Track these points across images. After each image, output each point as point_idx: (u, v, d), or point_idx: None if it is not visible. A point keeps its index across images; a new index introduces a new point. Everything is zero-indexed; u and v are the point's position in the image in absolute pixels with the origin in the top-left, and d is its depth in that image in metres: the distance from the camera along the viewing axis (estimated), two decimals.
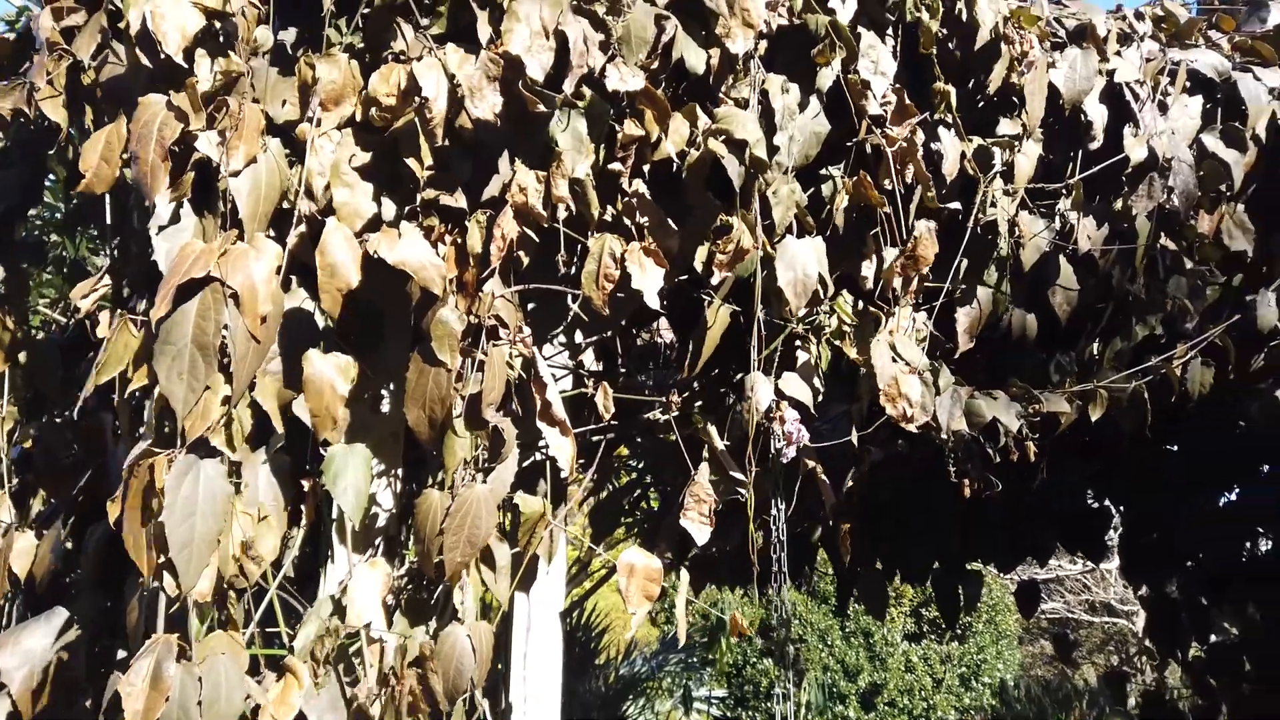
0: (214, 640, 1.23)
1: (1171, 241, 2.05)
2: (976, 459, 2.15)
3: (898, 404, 1.76)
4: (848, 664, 9.52)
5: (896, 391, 1.75)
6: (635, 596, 1.48)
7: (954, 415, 1.90)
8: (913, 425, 1.81)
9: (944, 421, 1.88)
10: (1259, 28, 2.20)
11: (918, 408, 1.76)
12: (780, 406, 1.71)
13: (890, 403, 1.75)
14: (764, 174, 1.64)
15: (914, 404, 1.76)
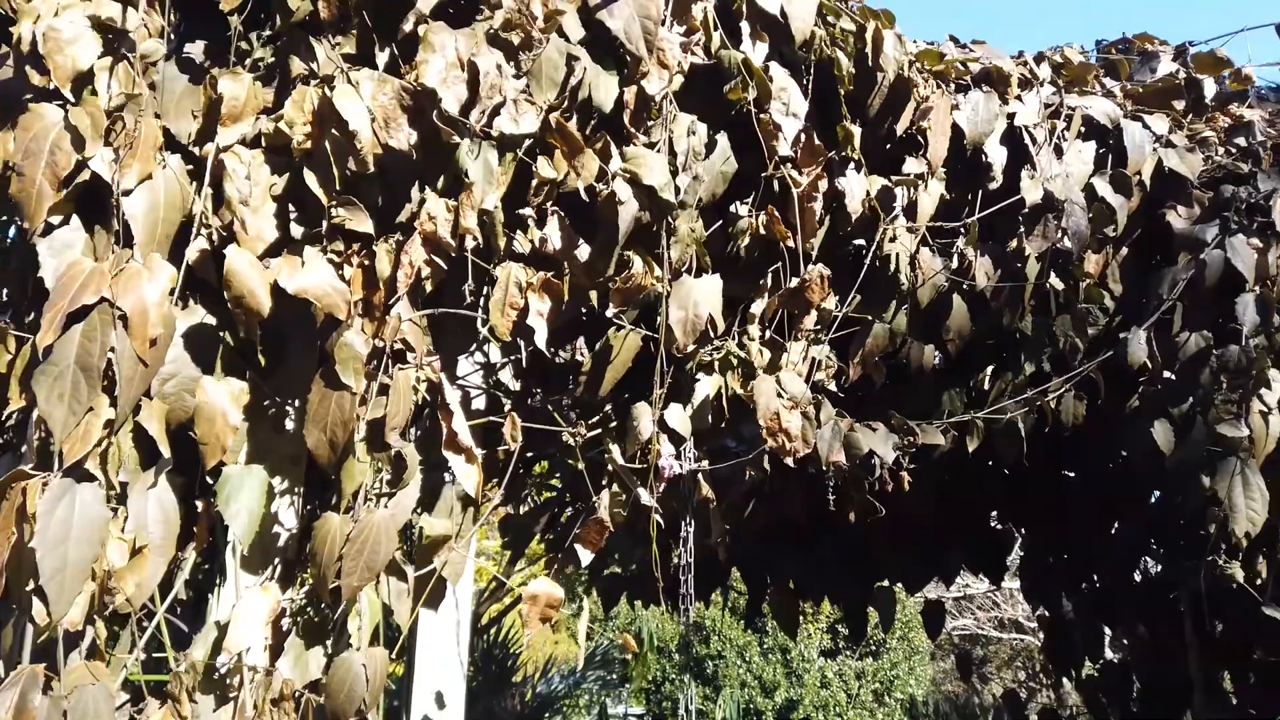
0: (80, 670, 1.19)
1: (1060, 281, 2.15)
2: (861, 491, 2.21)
3: (778, 438, 1.82)
4: (765, 680, 9.61)
5: (777, 426, 1.81)
6: (534, 621, 1.51)
7: (833, 447, 1.96)
8: (793, 460, 1.87)
9: (824, 453, 1.94)
10: (1149, 77, 2.32)
11: (798, 441, 1.82)
12: (659, 439, 1.75)
13: (771, 437, 1.81)
14: (668, 214, 1.68)
15: (794, 437, 1.82)
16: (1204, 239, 2.13)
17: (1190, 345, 2.15)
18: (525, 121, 1.52)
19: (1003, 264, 2.13)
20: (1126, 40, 2.48)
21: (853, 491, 2.39)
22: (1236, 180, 2.18)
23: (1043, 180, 2.06)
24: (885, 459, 2.05)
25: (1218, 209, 2.14)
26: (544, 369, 2.78)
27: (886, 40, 1.86)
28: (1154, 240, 2.24)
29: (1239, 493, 2.11)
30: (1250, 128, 2.24)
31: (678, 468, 1.87)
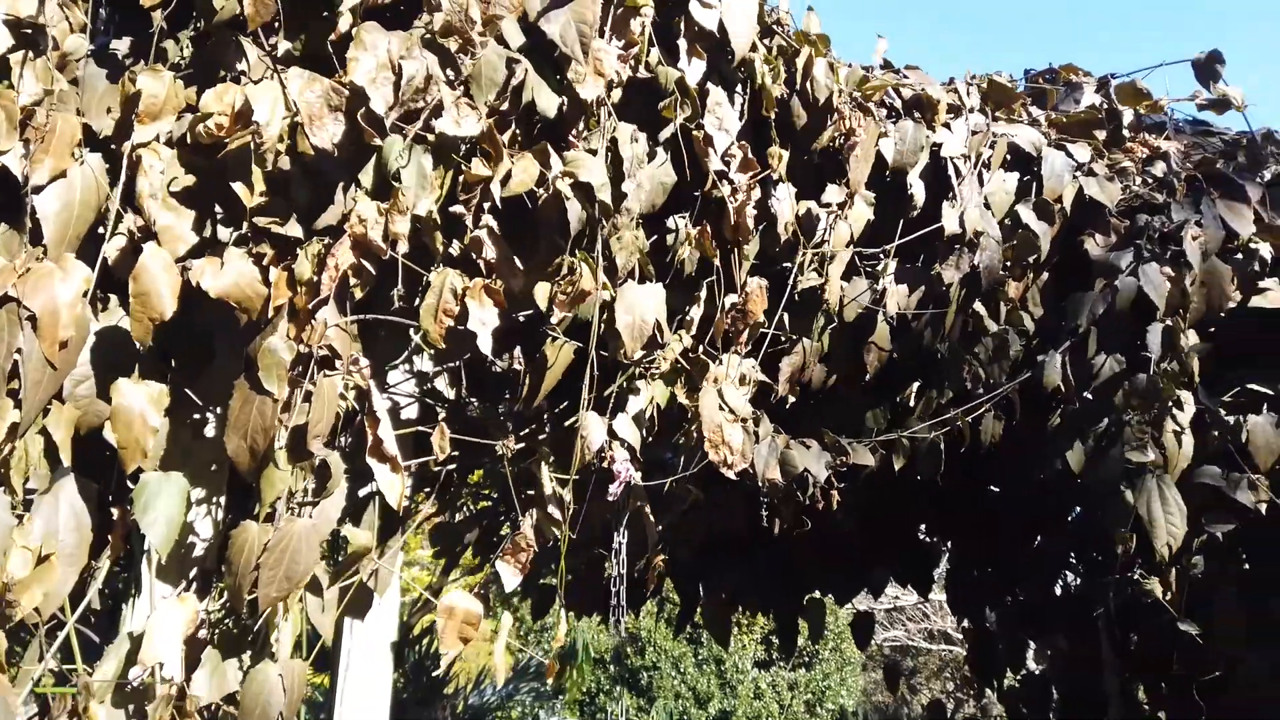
0: None
1: (982, 306, 2.21)
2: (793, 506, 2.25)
3: (720, 450, 1.83)
4: (699, 691, 9.65)
5: (720, 438, 1.83)
6: (450, 638, 1.49)
7: (770, 464, 1.99)
8: (732, 472, 1.89)
9: (760, 469, 1.97)
10: (1073, 107, 2.40)
11: (738, 455, 1.84)
12: (611, 447, 1.75)
13: (714, 449, 1.83)
14: (609, 219, 1.68)
15: (735, 451, 1.84)
16: (1119, 266, 2.21)
17: (1105, 370, 2.22)
18: (466, 125, 1.52)
19: (927, 287, 2.18)
20: (1053, 70, 2.56)
21: (783, 506, 2.43)
22: (1151, 210, 2.26)
23: (961, 208, 2.12)
24: (818, 477, 2.09)
25: (1133, 237, 2.22)
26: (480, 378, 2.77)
27: (818, 66, 1.90)
28: (1073, 266, 2.32)
29: (1158, 508, 2.18)
30: (1166, 159, 2.33)
31: (633, 472, 1.88)
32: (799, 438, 2.19)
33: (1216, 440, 2.23)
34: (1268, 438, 2.20)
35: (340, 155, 1.46)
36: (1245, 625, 2.30)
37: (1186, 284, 2.19)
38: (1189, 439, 2.22)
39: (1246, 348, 2.28)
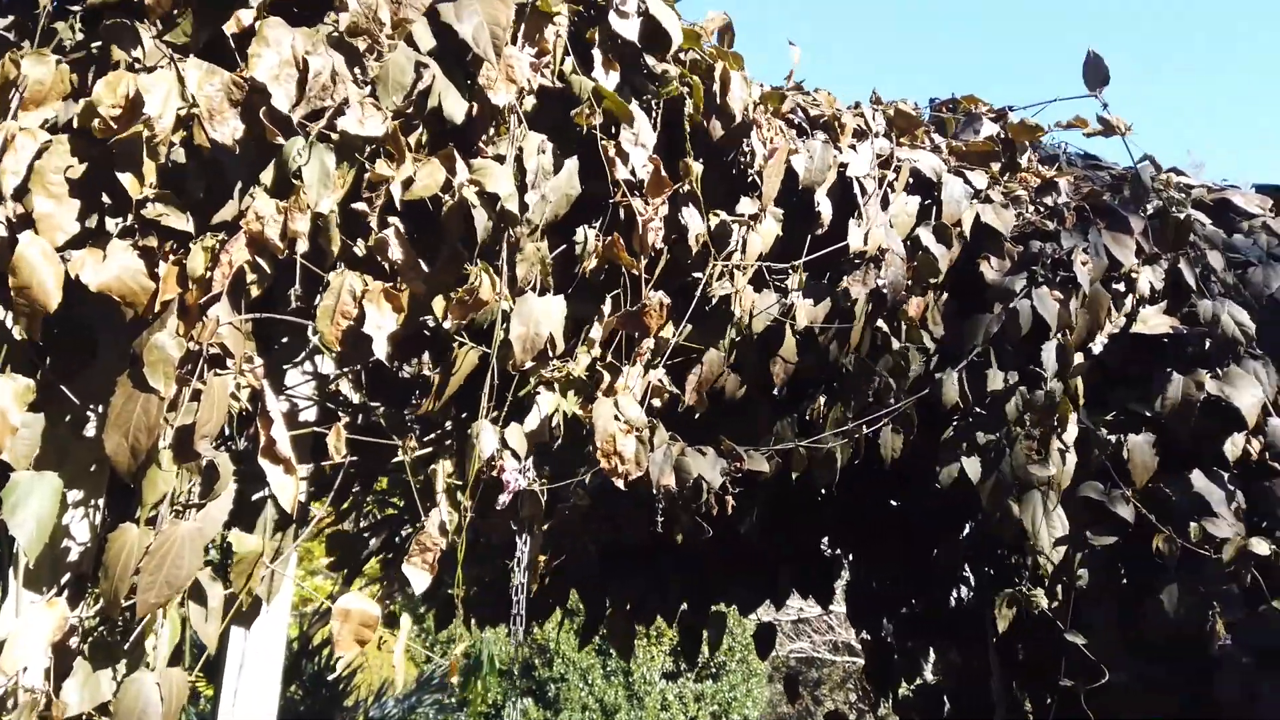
0: None
1: (885, 323, 2.28)
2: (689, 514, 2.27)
3: (611, 460, 1.85)
4: (606, 703, 9.62)
5: (612, 448, 1.84)
6: (346, 640, 1.45)
7: (664, 471, 2.01)
8: (623, 481, 1.90)
9: (655, 477, 1.99)
10: (972, 136, 2.50)
11: (631, 464, 1.85)
12: (502, 455, 1.74)
13: (605, 459, 1.84)
14: (514, 228, 1.68)
15: (628, 460, 1.85)
16: (1013, 290, 2.31)
17: (999, 386, 2.32)
18: (371, 125, 1.50)
19: (834, 302, 2.24)
20: (955, 100, 2.66)
21: (681, 514, 2.44)
22: (1043, 237, 2.37)
23: (866, 228, 2.18)
24: (712, 483, 2.11)
25: (1026, 262, 2.32)
26: (386, 383, 2.72)
27: (734, 81, 1.93)
28: (970, 287, 2.41)
29: (1041, 521, 2.28)
30: (1057, 189, 2.45)
31: (522, 482, 1.87)
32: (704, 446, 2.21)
33: (1097, 458, 2.34)
34: (1144, 456, 2.31)
35: (239, 151, 1.42)
36: (1122, 637, 2.41)
37: (1073, 307, 2.29)
38: (1072, 456, 2.33)
39: (1126, 371, 2.40)
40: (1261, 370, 2.28)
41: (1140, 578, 2.42)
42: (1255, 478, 2.31)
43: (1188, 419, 2.28)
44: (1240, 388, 2.25)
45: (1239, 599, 2.24)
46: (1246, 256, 2.45)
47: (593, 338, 1.90)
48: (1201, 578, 2.26)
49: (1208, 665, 2.29)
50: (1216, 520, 2.25)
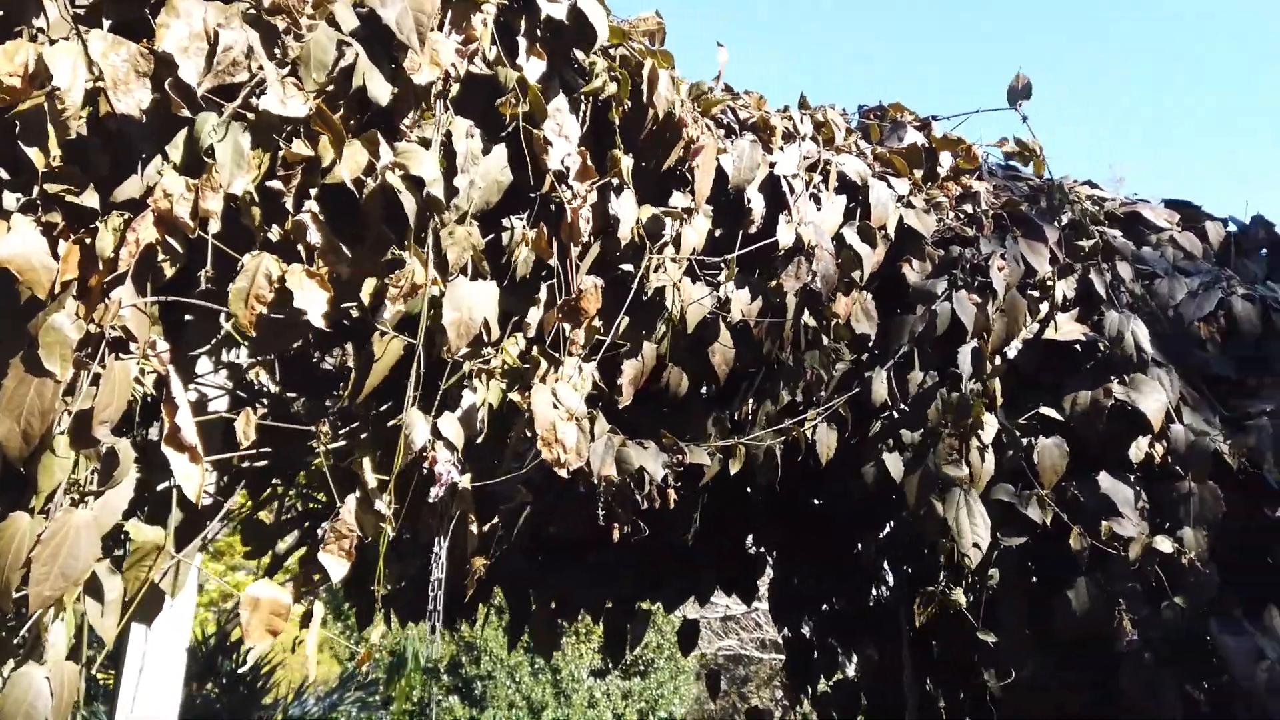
0: None
1: (814, 319, 2.31)
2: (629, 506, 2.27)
3: (553, 449, 1.83)
4: (533, 700, 9.58)
5: (553, 437, 1.83)
6: (257, 630, 1.42)
7: (606, 461, 2.00)
8: (566, 471, 1.89)
9: (596, 467, 1.98)
10: (897, 143, 2.56)
11: (572, 453, 1.84)
12: (434, 446, 1.72)
13: (546, 447, 1.82)
14: (440, 214, 1.66)
15: (569, 449, 1.84)
16: (935, 292, 2.36)
17: (921, 386, 2.37)
18: (292, 105, 1.46)
19: (765, 299, 2.26)
20: (882, 108, 2.72)
21: (620, 509, 2.44)
22: (963, 242, 2.43)
23: (796, 225, 2.21)
24: (655, 475, 2.10)
25: (946, 266, 2.38)
26: (305, 374, 2.67)
27: (662, 79, 1.93)
28: (895, 290, 2.46)
29: (965, 519, 2.33)
30: (976, 197, 2.51)
31: (455, 473, 1.84)
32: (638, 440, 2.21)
33: (1011, 459, 2.41)
34: (1053, 459, 2.39)
35: (148, 126, 1.38)
36: (1033, 634, 2.48)
37: (990, 311, 2.36)
38: (990, 456, 2.39)
39: (1039, 376, 2.47)
40: (1165, 377, 2.37)
41: (1050, 576, 2.50)
42: (1158, 480, 2.40)
43: (1096, 423, 2.35)
44: (1145, 393, 2.33)
45: (1144, 596, 2.33)
46: (1154, 268, 2.55)
47: (529, 321, 1.88)
48: (1108, 576, 2.34)
49: (1114, 661, 2.37)
50: (1123, 520, 2.33)
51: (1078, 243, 2.45)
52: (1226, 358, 2.47)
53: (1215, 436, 2.31)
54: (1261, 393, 2.42)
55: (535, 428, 1.80)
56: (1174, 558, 2.28)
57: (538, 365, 1.85)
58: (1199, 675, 2.40)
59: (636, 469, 2.06)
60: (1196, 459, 2.30)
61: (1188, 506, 2.31)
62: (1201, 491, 2.31)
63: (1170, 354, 2.43)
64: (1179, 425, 2.35)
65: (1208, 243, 2.69)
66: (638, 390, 2.20)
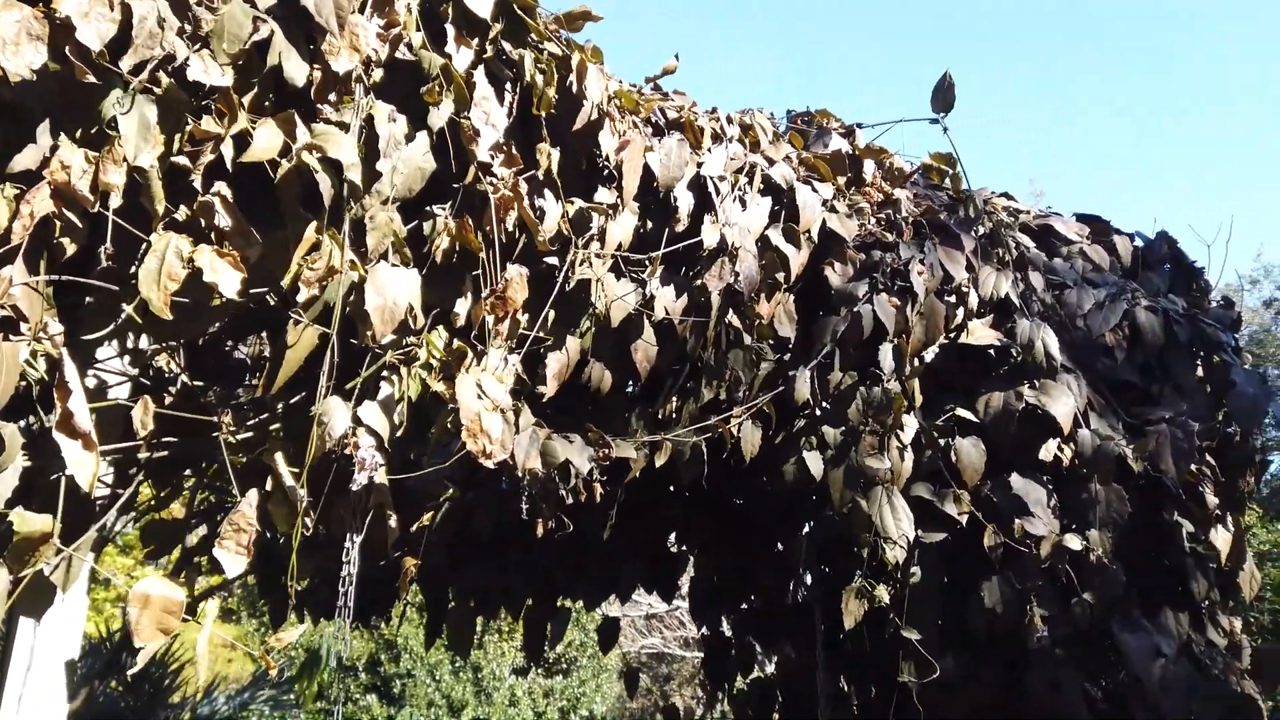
0: None
1: (737, 319, 2.32)
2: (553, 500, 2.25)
3: (478, 440, 1.80)
4: (453, 699, 9.46)
5: (478, 427, 1.79)
6: (147, 629, 1.36)
7: (530, 454, 1.98)
8: (491, 462, 1.86)
9: (520, 460, 1.95)
10: (822, 149, 2.59)
11: (497, 445, 1.81)
12: (355, 433, 1.67)
13: (471, 438, 1.79)
14: (358, 199, 1.62)
15: (494, 441, 1.81)
16: (857, 295, 2.40)
17: (842, 384, 2.40)
18: (213, 73, 1.41)
19: (690, 297, 2.27)
20: (809, 114, 2.75)
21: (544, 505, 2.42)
22: (883, 247, 2.47)
23: (721, 226, 2.22)
24: (581, 469, 2.08)
25: (868, 270, 2.42)
26: (221, 363, 2.58)
27: (590, 73, 1.92)
28: (818, 292, 2.49)
29: (889, 514, 2.37)
30: (897, 204, 2.56)
31: (379, 459, 1.79)
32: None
33: (930, 458, 2.46)
34: (973, 458, 2.44)
35: (47, 95, 1.31)
36: (943, 631, 2.54)
37: (909, 314, 2.40)
38: (910, 455, 2.44)
39: (955, 379, 2.53)
40: (1074, 383, 2.45)
41: (964, 575, 2.56)
42: (1067, 482, 2.48)
43: (1008, 426, 2.42)
44: (1055, 398, 2.41)
45: (1053, 594, 2.40)
46: (1064, 279, 2.63)
47: (456, 313, 1.85)
48: (1020, 574, 2.40)
49: (1024, 658, 2.43)
50: (1034, 519, 2.40)
51: (993, 251, 2.52)
52: (1130, 366, 2.56)
53: (1119, 441, 2.40)
54: (1162, 400, 2.52)
55: (460, 418, 1.76)
56: (1082, 556, 2.35)
57: (462, 356, 1.82)
58: (1100, 672, 2.48)
59: (562, 462, 2.04)
60: (1102, 462, 2.38)
61: (1094, 508, 2.38)
62: (1107, 493, 2.39)
63: (1078, 361, 2.51)
64: (1086, 430, 2.43)
65: (1115, 256, 2.79)
66: (561, 387, 2.18)
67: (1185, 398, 2.52)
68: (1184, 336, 2.55)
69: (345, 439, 1.75)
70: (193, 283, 1.51)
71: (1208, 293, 2.86)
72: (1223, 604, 2.64)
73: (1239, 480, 2.68)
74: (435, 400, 1.91)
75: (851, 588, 2.43)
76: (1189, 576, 2.50)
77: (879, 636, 2.60)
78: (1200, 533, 2.54)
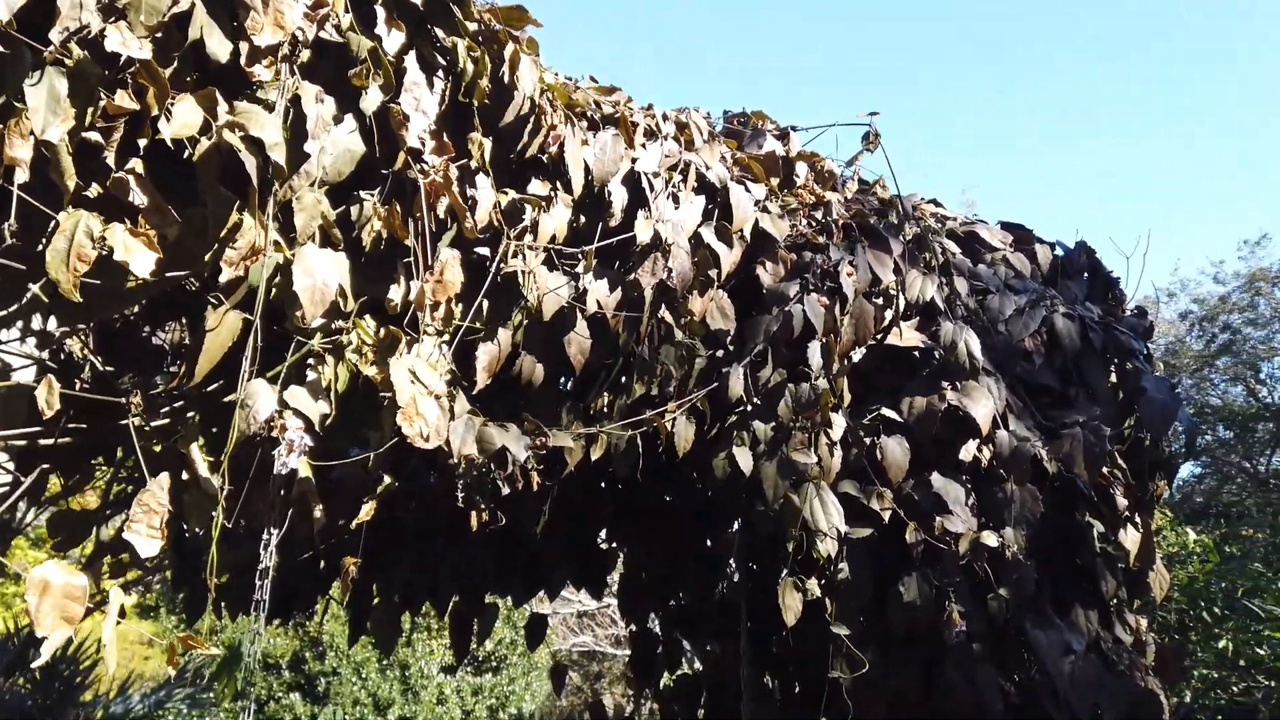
0: None
1: (670, 315, 2.33)
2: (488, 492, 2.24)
3: (414, 423, 1.77)
4: (380, 697, 9.31)
5: (414, 411, 1.77)
6: (49, 618, 1.31)
7: (466, 440, 1.96)
8: (428, 445, 1.84)
9: (456, 446, 1.93)
10: (756, 150, 2.62)
11: (433, 430, 1.79)
12: (283, 415, 1.64)
13: (407, 421, 1.77)
14: (282, 179, 1.58)
15: (430, 425, 1.79)
16: (787, 295, 2.43)
17: (772, 381, 2.43)
18: (132, 45, 1.36)
19: (624, 292, 2.27)
20: (745, 115, 2.78)
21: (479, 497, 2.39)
22: (814, 249, 2.51)
23: (655, 222, 2.23)
24: (517, 457, 2.06)
25: (799, 270, 2.45)
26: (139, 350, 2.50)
27: (524, 63, 1.91)
28: (751, 290, 2.51)
29: (819, 509, 2.40)
30: (828, 206, 2.60)
31: (307, 441, 1.75)
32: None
33: (856, 456, 2.50)
34: (897, 456, 2.49)
35: None
36: (864, 627, 2.58)
37: (838, 313, 2.44)
38: (839, 453, 2.48)
39: (881, 379, 2.58)
40: (994, 386, 2.51)
41: (886, 572, 2.61)
42: (985, 482, 2.54)
43: (931, 426, 2.47)
44: (976, 399, 2.47)
45: (970, 592, 2.46)
46: (987, 285, 2.70)
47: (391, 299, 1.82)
48: (939, 570, 2.46)
49: (942, 654, 2.49)
50: (953, 517, 2.45)
51: (920, 256, 2.57)
52: (1048, 370, 2.64)
53: (1035, 442, 2.47)
54: (1076, 404, 2.60)
55: (397, 399, 1.73)
56: (998, 554, 2.41)
57: (395, 342, 1.79)
58: (1014, 668, 2.55)
59: (498, 449, 2.02)
60: (1018, 462, 2.45)
61: (1010, 507, 2.45)
62: (1022, 493, 2.46)
63: (999, 364, 2.58)
64: (1004, 431, 2.49)
65: (1036, 264, 2.87)
66: (492, 379, 2.16)
67: (1098, 402, 2.60)
68: (1099, 343, 2.63)
69: (271, 423, 1.71)
70: (105, 263, 1.46)
71: (1123, 302, 2.96)
72: (1130, 602, 2.74)
73: (1149, 483, 2.78)
74: (366, 388, 1.88)
75: (788, 580, 2.46)
76: (1099, 575, 2.59)
77: (803, 632, 2.63)
78: (1110, 533, 2.63)
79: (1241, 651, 5.55)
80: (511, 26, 2.02)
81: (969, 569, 2.45)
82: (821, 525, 2.38)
